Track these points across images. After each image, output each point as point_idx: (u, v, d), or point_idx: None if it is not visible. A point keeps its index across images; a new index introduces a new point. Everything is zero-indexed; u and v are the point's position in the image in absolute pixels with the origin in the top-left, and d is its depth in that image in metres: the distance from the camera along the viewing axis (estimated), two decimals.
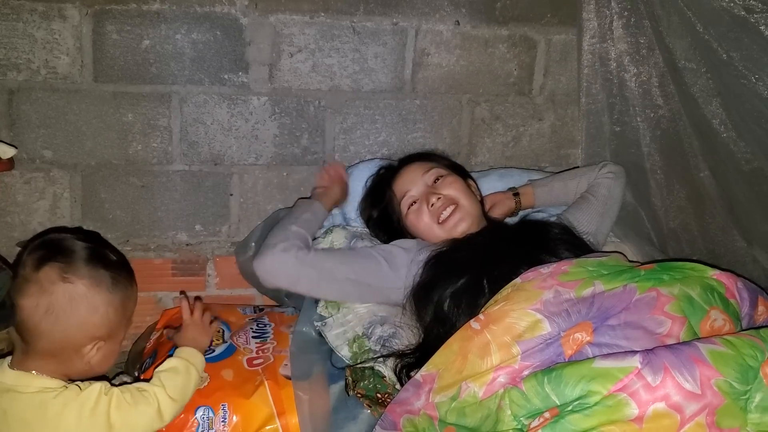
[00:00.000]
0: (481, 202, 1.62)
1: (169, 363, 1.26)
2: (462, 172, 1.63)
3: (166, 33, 1.67)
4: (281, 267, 1.40)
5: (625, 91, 1.76)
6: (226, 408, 1.29)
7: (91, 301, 1.15)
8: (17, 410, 1.11)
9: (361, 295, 1.45)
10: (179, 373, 1.25)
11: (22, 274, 1.14)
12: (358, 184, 1.73)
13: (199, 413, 1.28)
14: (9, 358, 1.17)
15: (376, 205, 1.63)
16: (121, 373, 1.54)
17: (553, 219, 1.57)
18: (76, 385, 1.15)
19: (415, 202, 1.53)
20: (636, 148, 1.79)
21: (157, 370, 1.25)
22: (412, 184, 1.55)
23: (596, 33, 1.73)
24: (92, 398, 1.14)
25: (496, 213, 1.65)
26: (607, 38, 1.73)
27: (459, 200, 1.50)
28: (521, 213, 1.71)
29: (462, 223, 1.48)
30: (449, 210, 1.49)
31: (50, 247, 1.17)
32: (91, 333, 1.16)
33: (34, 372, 1.14)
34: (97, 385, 1.15)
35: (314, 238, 1.58)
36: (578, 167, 1.85)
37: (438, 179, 1.54)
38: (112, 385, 1.19)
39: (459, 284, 1.31)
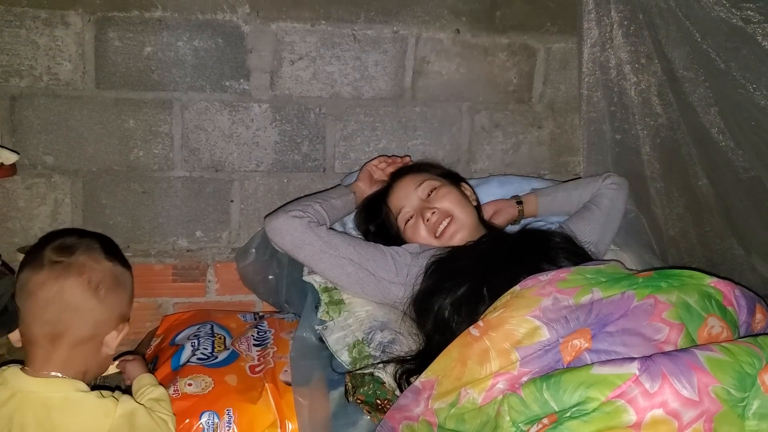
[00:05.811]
0: (478, 207, 1.62)
1: (156, 391, 1.27)
2: (456, 179, 1.64)
3: (167, 40, 1.68)
4: (289, 229, 1.44)
5: (624, 99, 1.76)
6: (230, 413, 1.29)
7: (125, 280, 1.25)
8: (59, 418, 1.11)
9: (359, 281, 1.44)
10: (166, 398, 1.27)
11: (56, 261, 1.16)
12: None
13: (204, 418, 1.28)
14: (16, 367, 1.16)
15: (373, 220, 1.62)
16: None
17: (554, 228, 1.58)
18: (112, 396, 1.17)
19: (411, 218, 1.54)
20: (636, 156, 1.80)
21: (150, 398, 1.24)
22: (406, 200, 1.56)
23: (597, 41, 1.74)
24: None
25: (499, 220, 1.66)
26: (608, 47, 1.74)
27: (454, 212, 1.51)
28: (523, 221, 1.71)
29: (458, 235, 1.49)
30: (445, 223, 1.50)
31: (75, 241, 1.22)
32: (122, 312, 1.23)
33: (59, 374, 1.14)
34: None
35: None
36: (581, 178, 1.86)
37: (432, 192, 1.54)
38: None
39: (459, 293, 1.31)
